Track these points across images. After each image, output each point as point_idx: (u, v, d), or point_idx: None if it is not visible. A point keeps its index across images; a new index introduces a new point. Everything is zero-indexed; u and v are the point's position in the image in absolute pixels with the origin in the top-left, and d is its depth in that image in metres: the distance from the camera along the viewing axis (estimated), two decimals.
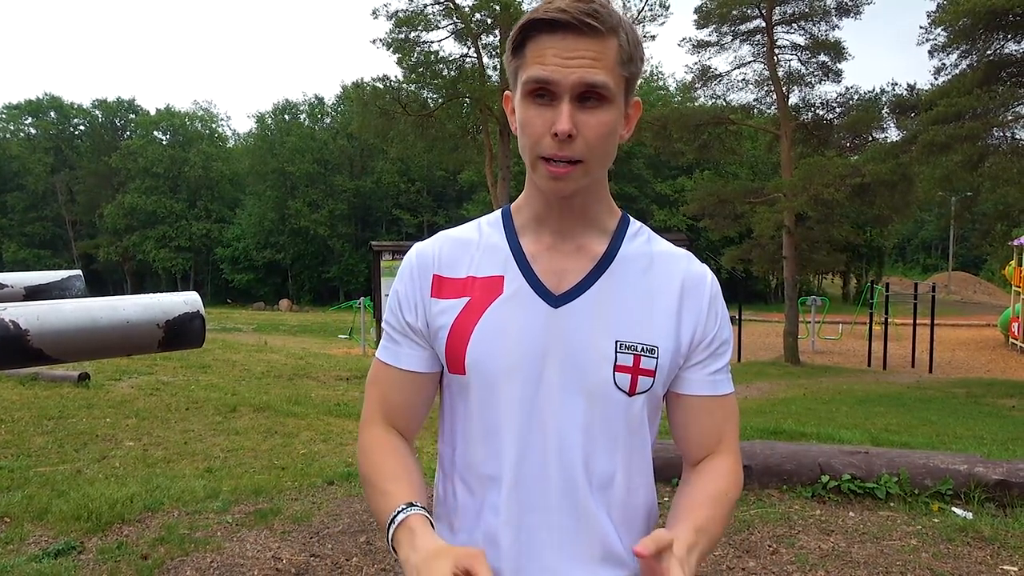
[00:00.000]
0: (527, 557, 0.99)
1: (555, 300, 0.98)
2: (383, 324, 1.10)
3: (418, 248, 1.07)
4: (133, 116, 58.25)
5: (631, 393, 0.98)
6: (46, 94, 58.26)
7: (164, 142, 54.98)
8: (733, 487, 1.03)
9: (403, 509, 0.92)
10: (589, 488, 0.99)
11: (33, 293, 1.42)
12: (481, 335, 0.98)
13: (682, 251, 1.07)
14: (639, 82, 0.99)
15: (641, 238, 1.05)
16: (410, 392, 1.06)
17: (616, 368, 0.97)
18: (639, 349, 0.98)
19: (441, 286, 1.02)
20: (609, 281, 1.00)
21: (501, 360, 0.97)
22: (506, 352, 0.97)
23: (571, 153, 0.91)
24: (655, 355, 0.98)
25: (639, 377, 0.98)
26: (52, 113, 57.81)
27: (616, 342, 0.97)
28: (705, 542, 0.94)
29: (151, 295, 1.22)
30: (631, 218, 1.08)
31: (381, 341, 1.10)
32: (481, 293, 1.00)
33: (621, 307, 0.99)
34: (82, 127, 58.90)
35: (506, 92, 1.01)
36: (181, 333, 1.17)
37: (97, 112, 58.30)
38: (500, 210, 1.09)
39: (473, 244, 1.04)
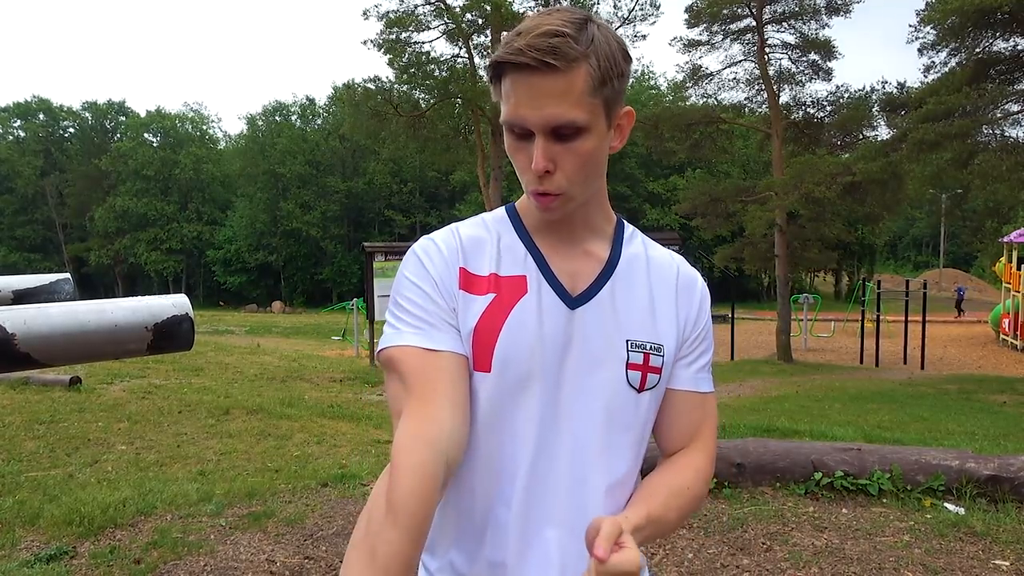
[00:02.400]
0: (532, 551, 1.00)
1: (572, 301, 1.01)
2: (408, 309, 0.96)
3: (441, 237, 1.04)
4: (123, 118, 57.99)
5: (640, 390, 1.01)
6: (35, 96, 58.09)
7: (155, 144, 54.76)
8: (698, 483, 1.05)
9: None
10: (600, 484, 1.01)
11: (21, 297, 1.41)
12: (509, 333, 0.98)
13: (673, 253, 1.12)
14: (630, 83, 0.99)
15: (636, 241, 1.10)
16: (464, 379, 0.94)
17: (628, 366, 1.00)
18: (648, 347, 1.01)
19: (468, 280, 1.01)
20: (616, 283, 1.03)
21: (527, 358, 0.98)
22: (532, 350, 0.98)
23: (550, 188, 0.94)
24: (661, 353, 1.02)
25: (648, 374, 1.01)
26: (41, 115, 57.50)
27: (627, 341, 1.01)
28: (652, 529, 0.97)
29: (139, 298, 1.21)
30: (625, 222, 1.11)
31: (400, 329, 0.96)
32: (507, 291, 1.00)
33: (629, 308, 1.03)
34: (72, 129, 58.61)
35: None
36: (170, 336, 1.16)
37: (87, 114, 58.03)
38: (504, 208, 1.09)
39: (488, 242, 1.04)
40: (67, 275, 1.50)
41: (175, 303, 1.22)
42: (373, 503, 0.83)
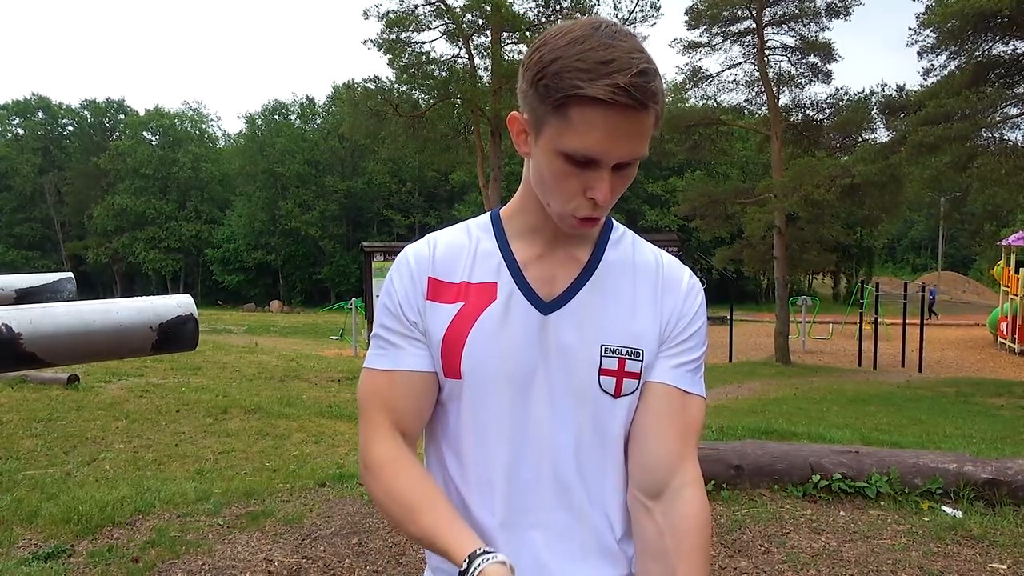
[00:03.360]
0: (520, 557, 1.00)
1: (545, 307, 1.00)
2: (377, 331, 1.05)
3: (413, 250, 1.06)
4: (122, 116, 57.95)
5: (616, 395, 1.00)
6: (34, 94, 57.92)
7: (154, 143, 54.71)
8: (705, 524, 1.00)
9: (478, 560, 0.86)
10: (583, 488, 1.01)
11: (24, 296, 1.42)
12: (476, 340, 0.99)
13: (663, 252, 1.10)
14: None
15: (625, 242, 1.08)
16: (420, 395, 1.02)
17: (601, 372, 0.99)
18: (624, 352, 1.00)
19: (436, 289, 1.02)
20: (594, 287, 1.02)
21: (495, 365, 0.99)
22: (500, 358, 0.99)
23: (602, 213, 0.96)
24: (640, 358, 1.00)
25: (624, 380, 1.00)
26: (40, 113, 57.44)
27: (601, 346, 0.99)
28: None
29: (144, 298, 1.21)
30: (614, 221, 1.10)
31: (372, 351, 1.05)
32: (475, 299, 1.01)
33: (606, 312, 1.01)
34: (71, 127, 58.55)
35: (513, 113, 0.97)
36: (174, 336, 1.16)
37: (86, 112, 57.97)
38: (488, 214, 1.09)
39: (465, 249, 1.04)
40: (69, 274, 1.51)
41: (180, 303, 1.22)
42: (391, 505, 0.97)
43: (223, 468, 5.34)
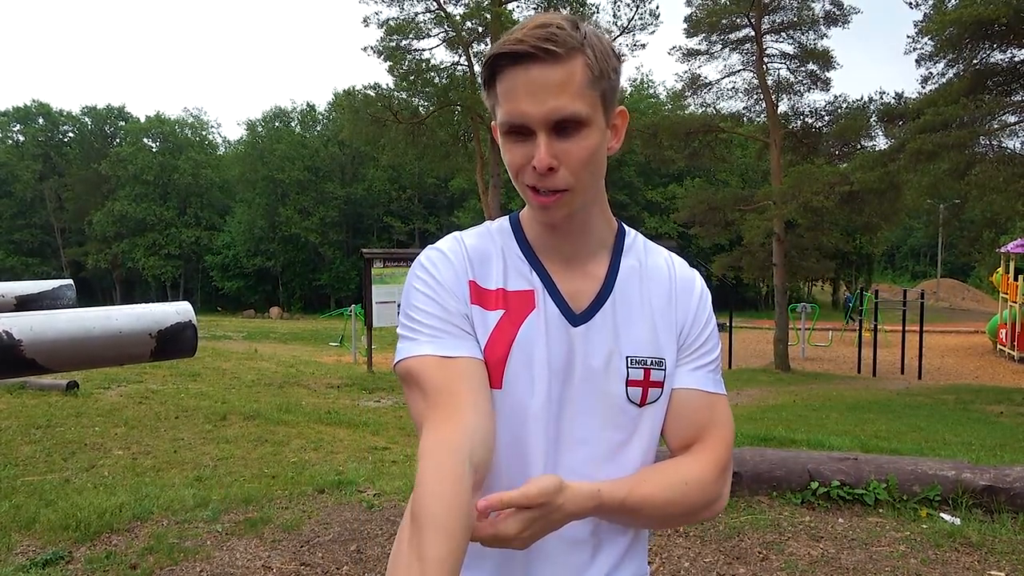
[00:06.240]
0: (537, 566, 1.00)
1: (575, 319, 1.00)
2: (420, 319, 0.96)
3: (447, 246, 1.03)
4: (123, 123, 58.02)
5: (642, 404, 1.01)
6: (35, 101, 58.01)
7: (154, 149, 54.77)
8: (693, 475, 0.98)
9: None
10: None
11: (24, 302, 1.44)
12: (519, 350, 0.97)
13: (672, 256, 1.10)
14: (626, 90, 0.99)
15: (637, 246, 1.08)
16: (485, 388, 0.94)
17: (628, 383, 1.00)
18: (648, 363, 1.01)
19: (478, 294, 1.00)
20: (616, 299, 1.02)
21: (534, 376, 0.98)
22: (538, 369, 0.98)
23: (554, 184, 0.92)
24: (663, 367, 1.02)
25: (650, 389, 1.01)
26: (41, 120, 57.52)
27: (627, 358, 1.00)
28: (625, 515, 0.93)
29: (143, 305, 1.22)
30: (627, 228, 1.10)
31: (419, 338, 0.96)
32: (515, 307, 0.99)
33: (629, 324, 1.02)
34: (71, 134, 58.62)
35: (492, 123, 1.00)
36: (173, 343, 1.18)
37: (86, 119, 58.05)
38: (507, 219, 1.08)
39: (494, 254, 1.03)
40: (69, 281, 1.53)
41: (178, 310, 1.23)
42: (404, 516, 0.86)
43: (222, 475, 5.34)
